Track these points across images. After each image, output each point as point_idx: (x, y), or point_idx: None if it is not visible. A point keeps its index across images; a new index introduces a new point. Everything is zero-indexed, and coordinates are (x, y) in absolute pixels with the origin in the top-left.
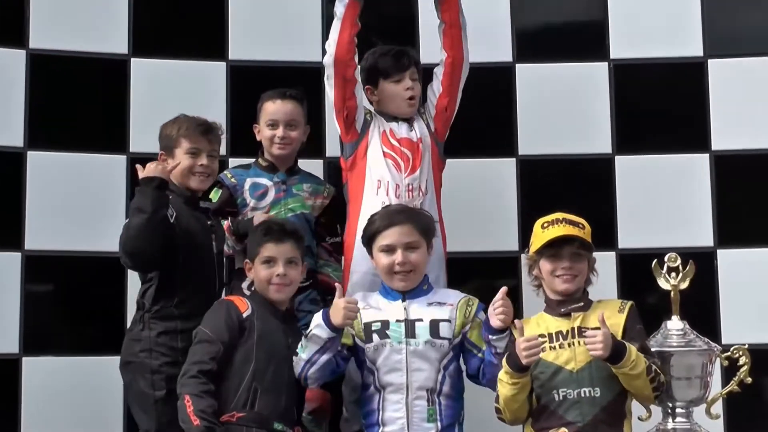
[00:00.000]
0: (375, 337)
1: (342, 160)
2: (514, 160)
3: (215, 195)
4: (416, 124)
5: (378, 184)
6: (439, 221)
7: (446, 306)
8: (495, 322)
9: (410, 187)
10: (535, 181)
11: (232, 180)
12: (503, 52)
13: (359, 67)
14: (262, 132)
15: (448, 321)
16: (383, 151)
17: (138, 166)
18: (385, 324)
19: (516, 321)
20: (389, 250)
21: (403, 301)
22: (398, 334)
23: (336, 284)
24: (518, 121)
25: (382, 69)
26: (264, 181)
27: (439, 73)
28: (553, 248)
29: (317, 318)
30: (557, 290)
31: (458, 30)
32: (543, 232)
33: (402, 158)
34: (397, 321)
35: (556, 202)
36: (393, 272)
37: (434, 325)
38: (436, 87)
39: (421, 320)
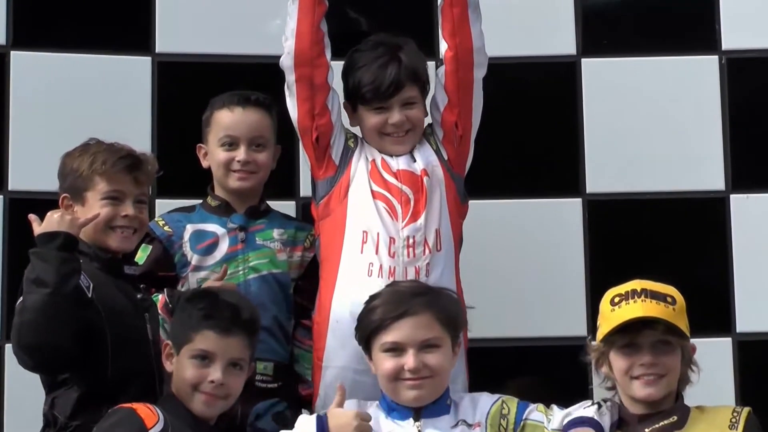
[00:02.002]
0: None
1: (313, 205)
2: (579, 200)
3: (143, 253)
4: (420, 151)
5: (363, 237)
6: (457, 292)
7: (476, 429)
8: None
9: (411, 240)
10: (609, 229)
11: (166, 229)
12: (563, 42)
13: (332, 68)
14: (212, 155)
15: None
16: (371, 190)
17: (32, 216)
18: None
19: None
20: (397, 349)
21: (416, 420)
22: None
23: (338, 385)
24: (585, 144)
25: (359, 89)
26: (212, 227)
27: (441, 75)
28: (629, 335)
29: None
30: (636, 396)
31: (462, 8)
32: (613, 312)
33: (399, 199)
34: None
35: (640, 261)
36: (400, 378)
37: None
38: (440, 96)
39: None
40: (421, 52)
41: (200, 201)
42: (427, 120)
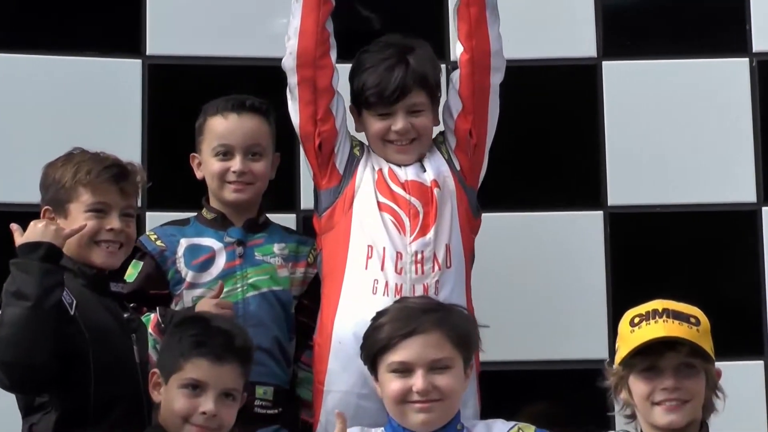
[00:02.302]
0: None
1: (315, 217)
2: (600, 213)
3: (133, 270)
4: (430, 160)
5: (368, 252)
6: (469, 311)
7: None
8: None
9: (419, 256)
10: (633, 244)
11: (159, 244)
12: (582, 43)
13: (337, 70)
14: (207, 165)
15: None
16: (378, 202)
17: (14, 226)
18: None
19: None
20: (404, 370)
21: None
22: None
23: (337, 413)
24: (606, 152)
25: (364, 91)
26: (209, 242)
27: (455, 79)
28: (649, 358)
29: None
30: (657, 424)
31: (480, 9)
32: (633, 333)
33: (407, 212)
34: None
35: (665, 278)
36: (408, 401)
37: None
38: (454, 102)
39: None
40: (434, 57)
41: (195, 214)
42: (439, 128)
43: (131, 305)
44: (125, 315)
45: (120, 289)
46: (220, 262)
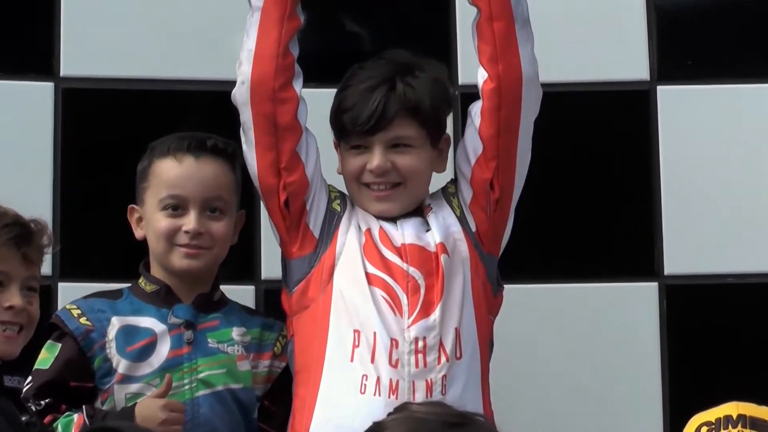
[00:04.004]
0: None
1: (284, 293)
2: (655, 285)
3: (49, 354)
4: (436, 217)
5: (355, 339)
6: (487, 417)
7: None
8: None
9: (421, 344)
10: (695, 323)
11: (83, 322)
12: (632, 64)
13: (304, 102)
14: (151, 222)
15: None
16: (366, 273)
17: None
18: None
19: None
20: None
21: None
22: None
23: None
24: (663, 205)
25: (338, 115)
26: (148, 322)
27: (475, 114)
28: None
29: None
30: None
31: (507, 24)
32: None
33: (404, 286)
34: None
35: (735, 366)
36: None
37: None
38: (472, 143)
39: None
40: (443, 82)
41: (129, 284)
42: (445, 172)
43: (43, 402)
44: (24, 418)
45: (17, 384)
46: (163, 350)
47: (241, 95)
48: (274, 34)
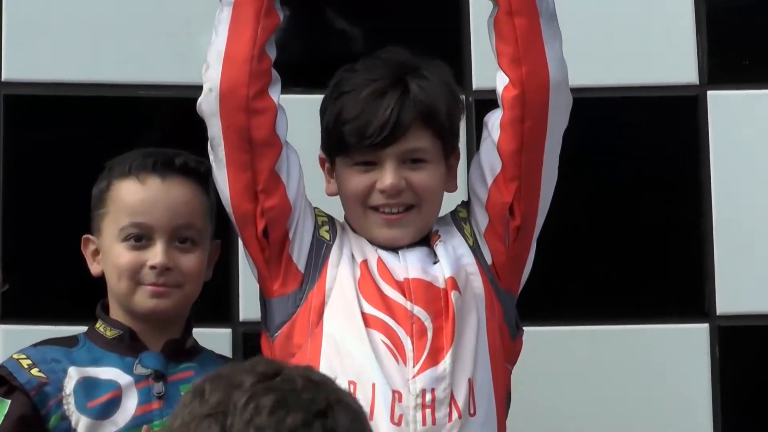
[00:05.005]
0: None
1: (264, 338)
2: (706, 326)
3: None
4: (445, 246)
5: (349, 390)
6: None
7: None
8: None
9: (428, 397)
10: (751, 368)
11: (35, 373)
12: (679, 65)
13: (283, 111)
14: (109, 255)
15: None
16: (362, 314)
17: None
18: None
19: None
20: None
21: None
22: None
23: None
24: (714, 235)
25: (337, 127)
26: (111, 373)
27: (493, 125)
28: None
29: None
30: None
31: (530, 20)
32: None
33: (408, 329)
34: None
35: None
36: None
37: None
38: (488, 160)
39: None
40: (453, 85)
41: (84, 329)
42: (455, 193)
43: None
44: None
45: None
46: (130, 405)
47: (208, 105)
48: (248, 33)
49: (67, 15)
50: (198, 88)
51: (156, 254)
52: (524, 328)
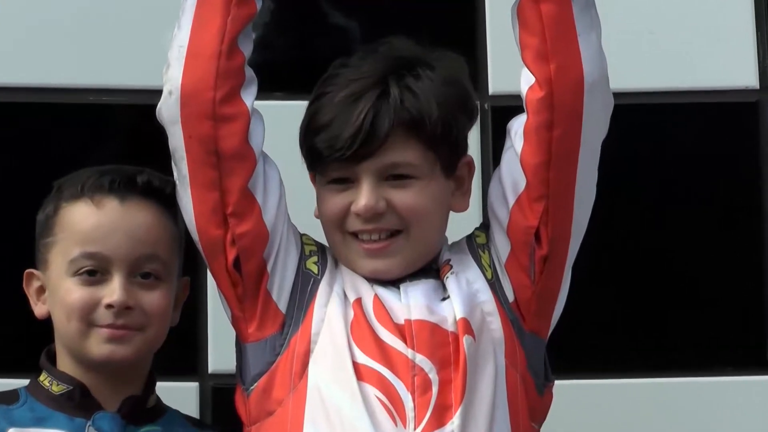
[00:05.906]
0: None
1: (239, 392)
2: (765, 378)
3: None
4: (457, 279)
5: None
6: None
7: None
8: None
9: None
10: None
11: None
12: (736, 68)
13: (260, 117)
14: (56, 292)
15: None
16: (354, 364)
17: None
18: None
19: None
20: None
21: None
22: None
23: None
24: None
25: (309, 136)
26: None
27: (516, 134)
28: None
29: None
30: None
31: (560, 6)
32: None
33: (409, 382)
34: None
35: None
36: None
37: None
38: (509, 176)
39: None
40: (463, 84)
41: (26, 383)
42: (468, 216)
43: None
44: None
45: None
46: None
47: (168, 110)
48: (216, 25)
49: (16, 12)
50: (159, 93)
51: (113, 291)
52: (555, 381)
